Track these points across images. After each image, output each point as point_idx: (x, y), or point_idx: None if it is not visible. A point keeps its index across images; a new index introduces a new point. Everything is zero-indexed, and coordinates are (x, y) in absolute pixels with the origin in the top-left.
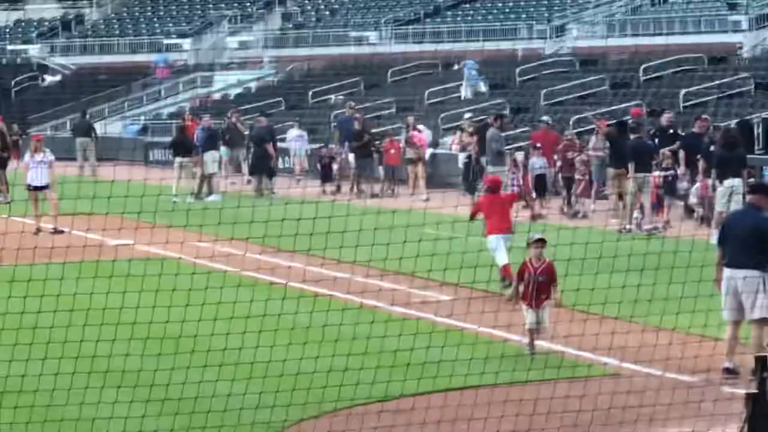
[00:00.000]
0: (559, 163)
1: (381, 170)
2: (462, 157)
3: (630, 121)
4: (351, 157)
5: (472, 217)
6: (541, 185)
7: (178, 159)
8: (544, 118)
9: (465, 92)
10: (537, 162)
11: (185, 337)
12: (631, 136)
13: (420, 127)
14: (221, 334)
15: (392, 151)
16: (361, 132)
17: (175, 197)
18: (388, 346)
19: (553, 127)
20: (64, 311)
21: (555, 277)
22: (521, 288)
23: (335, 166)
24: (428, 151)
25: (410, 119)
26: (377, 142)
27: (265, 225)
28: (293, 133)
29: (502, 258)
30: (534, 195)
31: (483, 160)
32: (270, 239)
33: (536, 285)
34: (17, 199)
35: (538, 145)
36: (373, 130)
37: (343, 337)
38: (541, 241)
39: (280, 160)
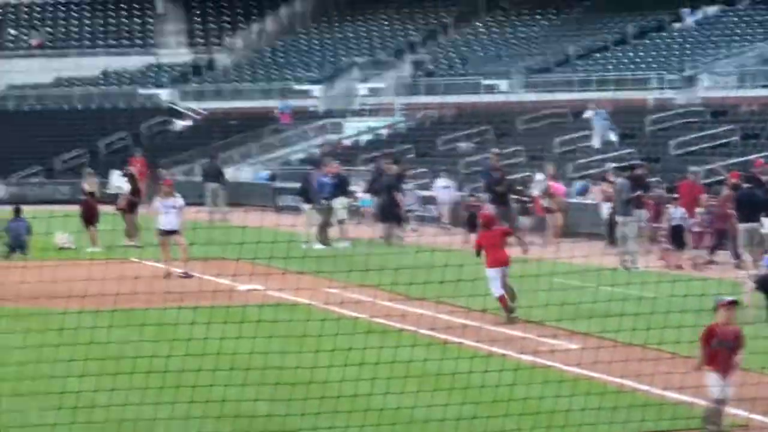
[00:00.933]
0: (706, 216)
1: (523, 220)
2: (606, 208)
3: (749, 172)
4: (491, 206)
5: (478, 253)
6: (677, 236)
7: (307, 205)
8: (692, 169)
9: (595, 141)
10: (676, 212)
11: (315, 382)
12: (745, 186)
13: (540, 176)
14: (351, 380)
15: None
16: (501, 180)
17: (305, 243)
18: (517, 394)
19: (697, 179)
20: (194, 356)
21: (743, 342)
22: (703, 352)
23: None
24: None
25: (550, 169)
26: (520, 191)
27: (394, 272)
28: (440, 182)
29: (497, 290)
30: (669, 246)
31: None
32: (399, 286)
33: (725, 351)
34: (148, 243)
35: (676, 195)
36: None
37: (471, 384)
38: (734, 304)
39: (427, 208)
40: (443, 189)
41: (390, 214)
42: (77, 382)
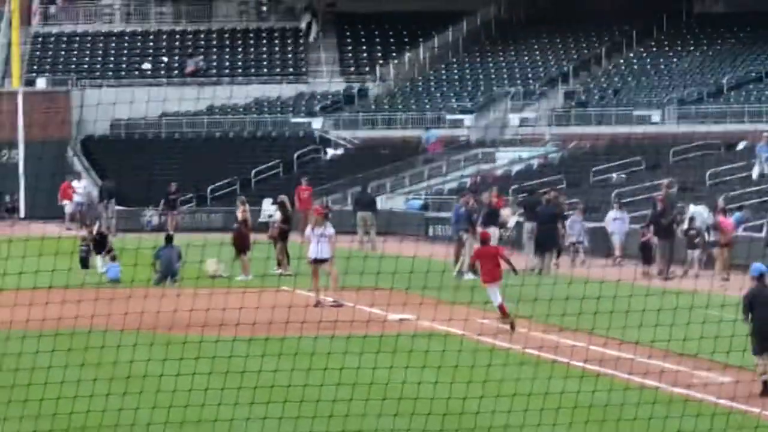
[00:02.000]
0: None
1: (690, 253)
2: None
3: None
4: (654, 238)
5: (472, 266)
6: None
7: (464, 234)
8: None
9: (756, 173)
10: None
11: (466, 413)
12: None
13: (700, 207)
14: (503, 412)
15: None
16: (664, 212)
17: (458, 273)
18: (670, 428)
19: None
20: (346, 385)
21: None
22: None
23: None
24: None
25: (720, 202)
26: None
27: (548, 303)
28: (612, 214)
29: (496, 299)
30: None
31: None
32: (553, 317)
33: None
34: (300, 272)
35: None
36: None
37: (624, 416)
38: None
39: (595, 239)
40: (615, 221)
41: (550, 243)
42: (230, 410)
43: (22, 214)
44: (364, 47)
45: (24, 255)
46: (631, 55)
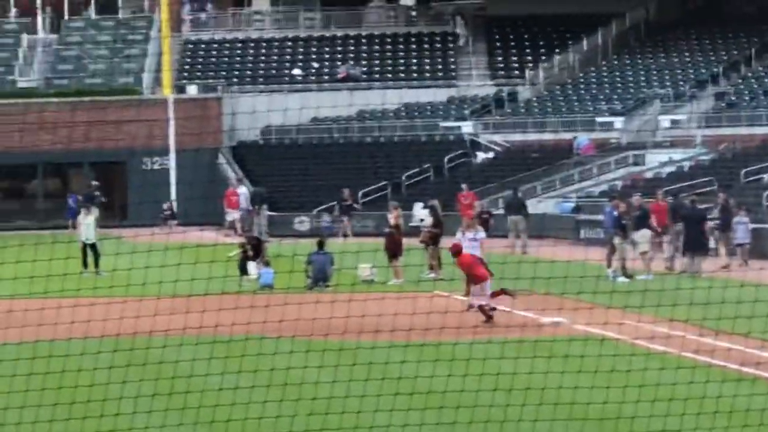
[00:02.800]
0: None
1: None
2: None
3: None
4: None
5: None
6: None
7: (616, 238)
8: None
9: None
10: None
11: (623, 418)
12: None
13: None
14: (660, 416)
15: None
16: None
17: (612, 276)
18: None
19: None
20: (502, 390)
21: None
22: None
23: None
24: None
25: None
26: None
27: (704, 306)
28: None
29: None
30: None
31: None
32: (709, 321)
33: None
34: (452, 276)
35: None
36: None
37: None
38: None
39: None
40: None
41: (697, 245)
42: (387, 416)
43: (177, 221)
44: (514, 51)
45: (180, 262)
46: None
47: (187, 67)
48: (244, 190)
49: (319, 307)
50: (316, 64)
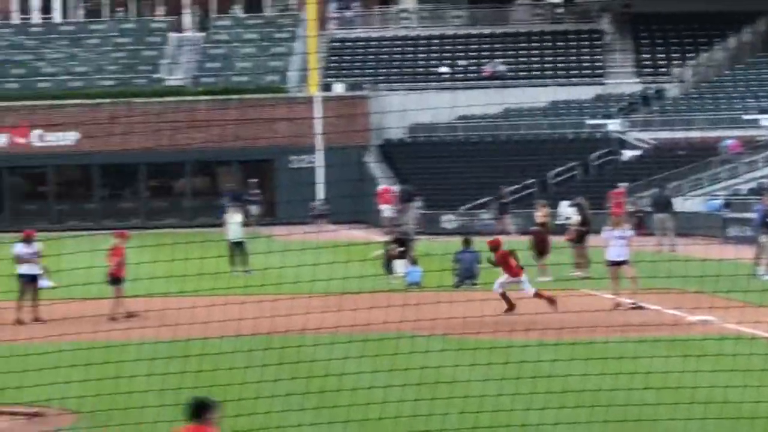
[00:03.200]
0: None
1: None
2: None
3: None
4: None
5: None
6: None
7: (763, 236)
8: None
9: None
10: None
11: None
12: None
13: None
14: None
15: None
16: None
17: (763, 274)
18: None
19: None
20: (653, 389)
21: None
22: None
23: None
24: None
25: None
26: None
27: None
28: None
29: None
30: None
31: None
32: None
33: None
34: (598, 274)
35: None
36: None
37: None
38: None
39: None
40: None
41: None
42: (538, 415)
43: (328, 219)
44: (661, 48)
45: (333, 261)
46: None
47: (333, 65)
48: (396, 188)
49: (470, 305)
50: (462, 62)
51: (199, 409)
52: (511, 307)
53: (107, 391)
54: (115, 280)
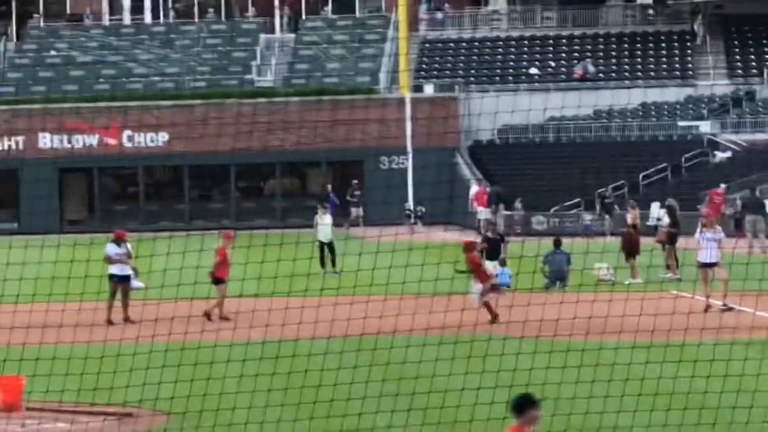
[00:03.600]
0: None
1: None
2: None
3: None
4: None
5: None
6: None
7: None
8: None
9: None
10: None
11: None
12: None
13: None
14: None
15: None
16: None
17: None
18: None
19: None
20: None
21: None
22: None
23: None
24: None
25: None
26: None
27: None
28: None
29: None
30: None
31: None
32: None
33: None
34: (688, 277)
35: None
36: None
37: None
38: None
39: None
40: None
41: None
42: (629, 417)
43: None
44: (752, 49)
45: (424, 263)
46: None
47: (423, 66)
48: (488, 190)
49: (561, 308)
50: (552, 63)
51: (521, 406)
52: (495, 316)
53: (199, 392)
54: (217, 280)
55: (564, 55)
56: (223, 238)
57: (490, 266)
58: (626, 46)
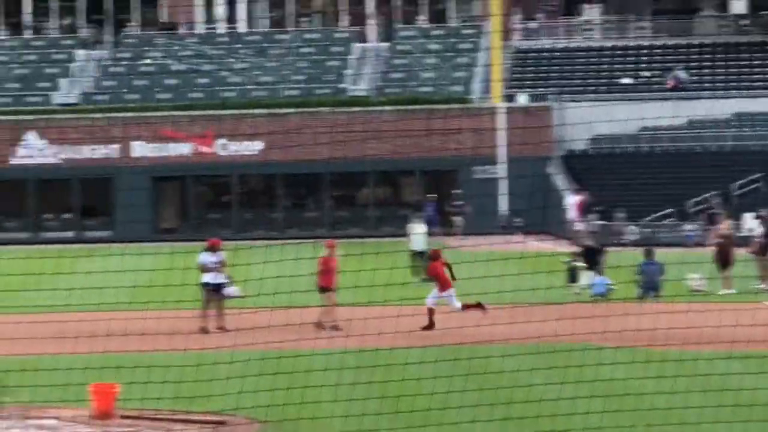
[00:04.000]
0: None
1: None
2: None
3: None
4: None
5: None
6: None
7: None
8: None
9: None
10: None
11: None
12: None
13: None
14: None
15: None
16: None
17: None
18: None
19: None
20: None
21: None
22: None
23: None
24: None
25: None
26: None
27: None
28: None
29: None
30: None
31: None
32: None
33: None
34: None
35: None
36: None
37: None
38: None
39: None
40: None
41: None
42: (726, 429)
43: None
44: None
45: (519, 272)
46: None
47: (516, 75)
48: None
49: (656, 317)
50: (646, 73)
51: None
52: (431, 325)
53: (295, 400)
54: (323, 288)
55: (657, 64)
56: (326, 247)
57: (585, 277)
58: (720, 55)
